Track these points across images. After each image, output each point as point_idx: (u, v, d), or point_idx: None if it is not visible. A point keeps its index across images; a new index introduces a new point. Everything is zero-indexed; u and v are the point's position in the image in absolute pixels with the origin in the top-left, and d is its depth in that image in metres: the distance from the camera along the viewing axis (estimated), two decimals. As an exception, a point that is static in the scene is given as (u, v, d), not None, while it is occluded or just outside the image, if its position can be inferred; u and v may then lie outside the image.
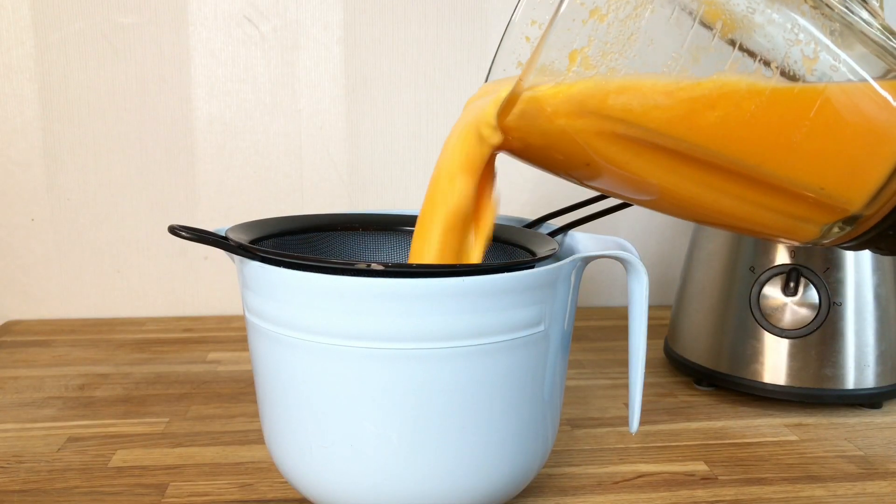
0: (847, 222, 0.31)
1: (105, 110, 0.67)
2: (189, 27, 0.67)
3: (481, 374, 0.30)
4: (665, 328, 0.67)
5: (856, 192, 0.29)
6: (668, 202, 0.32)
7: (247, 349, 0.61)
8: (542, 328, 0.31)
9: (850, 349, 0.46)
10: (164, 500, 0.36)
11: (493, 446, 0.31)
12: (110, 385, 0.52)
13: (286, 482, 0.38)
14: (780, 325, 0.47)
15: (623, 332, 0.67)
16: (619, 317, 0.72)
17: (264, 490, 0.38)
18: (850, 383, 0.47)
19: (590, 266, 0.76)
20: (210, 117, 0.69)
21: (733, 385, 0.49)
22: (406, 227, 0.42)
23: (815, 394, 0.47)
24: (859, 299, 0.47)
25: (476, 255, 0.34)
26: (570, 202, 0.67)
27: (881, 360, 0.47)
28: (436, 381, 0.29)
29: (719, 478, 0.39)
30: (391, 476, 0.30)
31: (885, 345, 0.47)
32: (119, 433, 0.44)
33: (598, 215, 0.42)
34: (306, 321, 0.29)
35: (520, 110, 0.29)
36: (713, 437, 0.44)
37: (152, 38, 0.67)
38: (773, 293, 0.47)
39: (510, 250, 0.38)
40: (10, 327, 0.67)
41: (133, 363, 0.57)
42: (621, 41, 0.27)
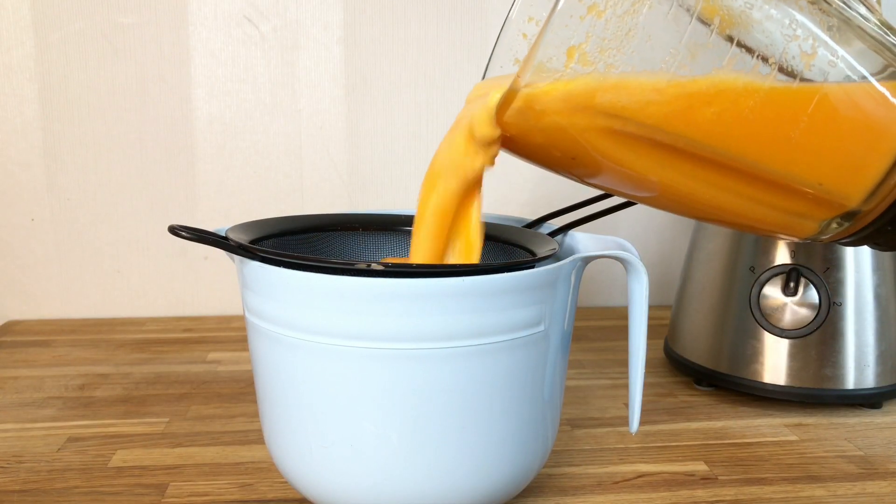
0: (845, 218, 0.31)
1: (105, 110, 0.67)
2: (189, 27, 0.67)
3: (481, 375, 0.30)
4: (665, 328, 0.67)
5: (854, 187, 0.29)
6: (668, 198, 0.32)
7: (247, 349, 0.61)
8: (542, 328, 0.31)
9: (850, 349, 0.46)
10: (164, 500, 0.36)
11: (493, 446, 0.31)
12: (110, 385, 0.52)
13: (286, 482, 0.38)
14: (780, 325, 0.47)
15: (623, 332, 0.67)
16: (619, 317, 0.72)
17: (264, 490, 0.38)
18: (850, 383, 0.47)
19: (590, 266, 0.76)
20: (210, 117, 0.69)
21: (733, 385, 0.49)
22: (406, 227, 0.42)
23: (815, 394, 0.47)
24: (859, 299, 0.47)
25: (474, 254, 0.34)
26: (570, 202, 0.67)
27: (881, 360, 0.47)
28: (436, 382, 0.29)
29: (719, 478, 0.39)
30: (391, 476, 0.30)
31: (885, 345, 0.47)
32: (119, 433, 0.44)
33: (598, 215, 0.42)
34: (306, 321, 0.29)
35: (517, 107, 0.29)
36: (713, 437, 0.44)
37: (152, 38, 0.67)
38: (773, 293, 0.47)
39: (510, 250, 0.38)
40: (10, 327, 0.67)
41: (133, 363, 0.57)
42: (619, 37, 0.27)
